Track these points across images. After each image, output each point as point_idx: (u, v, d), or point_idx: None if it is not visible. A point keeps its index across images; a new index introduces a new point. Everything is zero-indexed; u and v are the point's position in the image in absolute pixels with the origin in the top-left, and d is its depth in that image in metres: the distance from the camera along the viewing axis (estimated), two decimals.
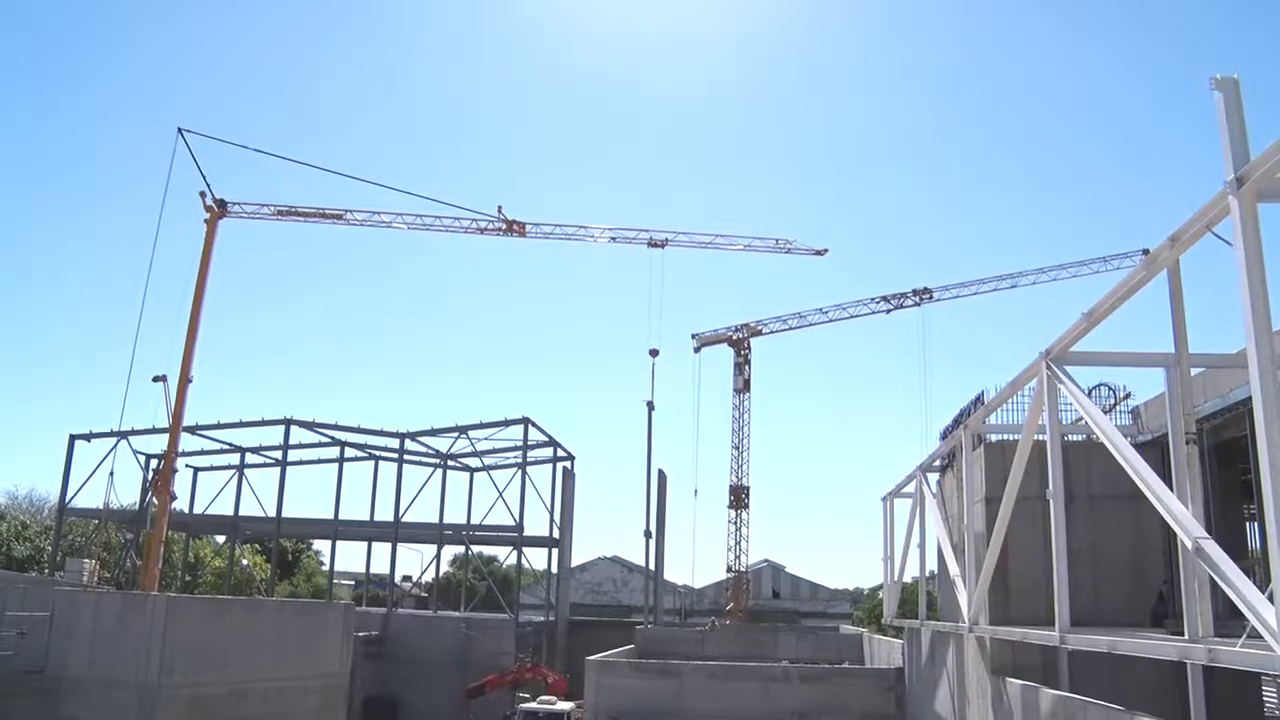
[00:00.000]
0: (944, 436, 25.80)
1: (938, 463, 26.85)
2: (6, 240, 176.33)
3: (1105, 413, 19.53)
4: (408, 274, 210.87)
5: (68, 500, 59.35)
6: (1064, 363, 15.53)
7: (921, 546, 27.74)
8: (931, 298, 73.69)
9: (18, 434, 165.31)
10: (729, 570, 78.81)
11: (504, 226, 57.73)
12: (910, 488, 29.17)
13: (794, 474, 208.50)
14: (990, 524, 19.36)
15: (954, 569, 22.96)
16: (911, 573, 33.31)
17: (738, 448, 78.21)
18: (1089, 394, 17.31)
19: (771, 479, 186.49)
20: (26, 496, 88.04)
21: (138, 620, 28.87)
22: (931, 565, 28.44)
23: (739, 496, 77.99)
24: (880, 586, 53.81)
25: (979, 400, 22.03)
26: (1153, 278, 13.40)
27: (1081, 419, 18.55)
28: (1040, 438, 17.28)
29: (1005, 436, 22.20)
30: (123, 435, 55.18)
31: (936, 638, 26.86)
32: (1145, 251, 18.10)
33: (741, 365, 78.84)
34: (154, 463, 56.15)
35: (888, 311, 74.64)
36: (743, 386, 78.78)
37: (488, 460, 61.74)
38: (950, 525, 24.76)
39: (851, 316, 75.83)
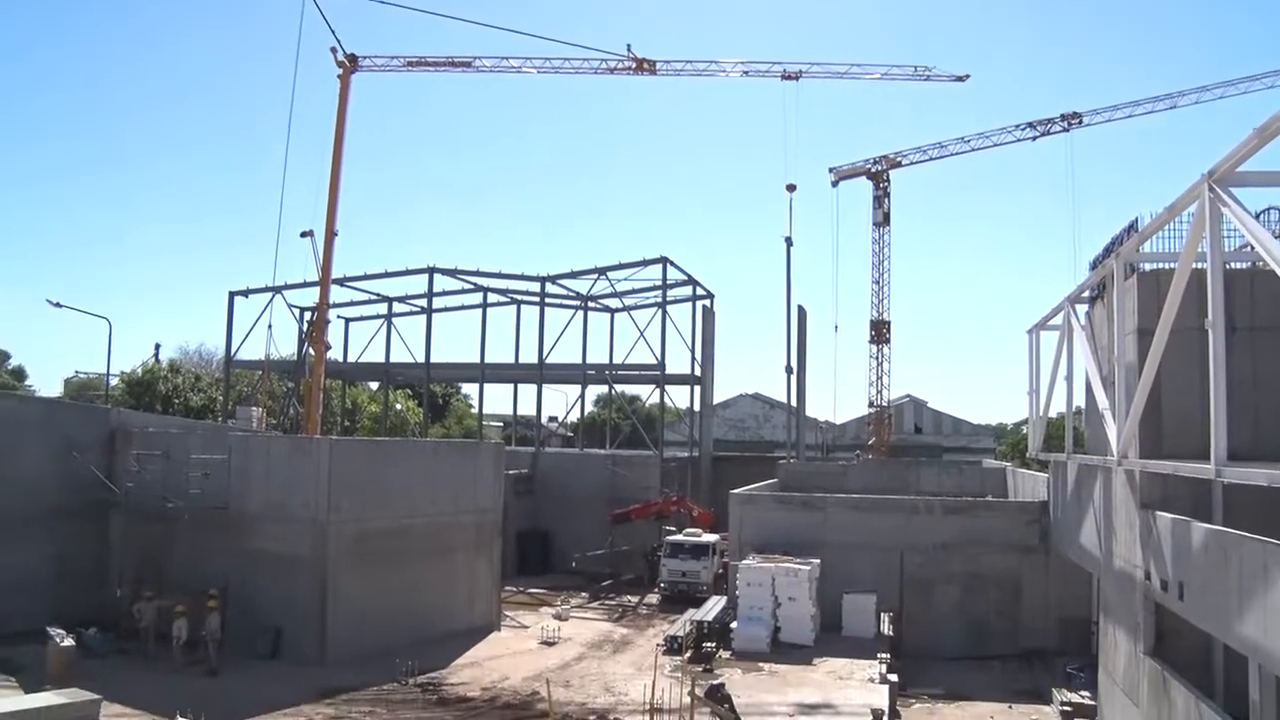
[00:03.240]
0: (1094, 266, 24.85)
1: (1087, 294, 25.96)
2: (155, 110, 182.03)
3: (1276, 238, 18.45)
4: (540, 121, 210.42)
5: (233, 353, 62.61)
6: (1229, 184, 14.61)
7: (1069, 380, 27.11)
8: (1081, 122, 69.97)
9: (181, 293, 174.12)
10: (870, 405, 78.78)
11: (634, 65, 56.78)
12: (1057, 320, 28.35)
13: (935, 309, 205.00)
14: (1143, 356, 18.77)
15: (1103, 402, 22.43)
16: (1057, 407, 32.70)
17: (878, 282, 77.15)
18: (1256, 218, 16.31)
19: (913, 314, 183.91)
20: (197, 350, 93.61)
21: (304, 461, 30.69)
22: (1078, 399, 27.82)
23: (880, 331, 77.30)
24: (1024, 421, 53.08)
25: (1132, 228, 21.04)
26: None
27: (1246, 245, 17.55)
28: (1200, 266, 16.50)
29: (1161, 265, 21.24)
30: (277, 290, 57.57)
31: (1083, 471, 26.51)
32: None
33: (880, 198, 77.03)
34: (308, 315, 58.55)
35: (1033, 139, 71.38)
36: (882, 220, 77.14)
37: (628, 301, 62.35)
38: (1099, 358, 24.07)
39: (995, 145, 72.92)
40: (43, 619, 29.48)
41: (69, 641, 27.35)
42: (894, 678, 28.12)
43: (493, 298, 62.59)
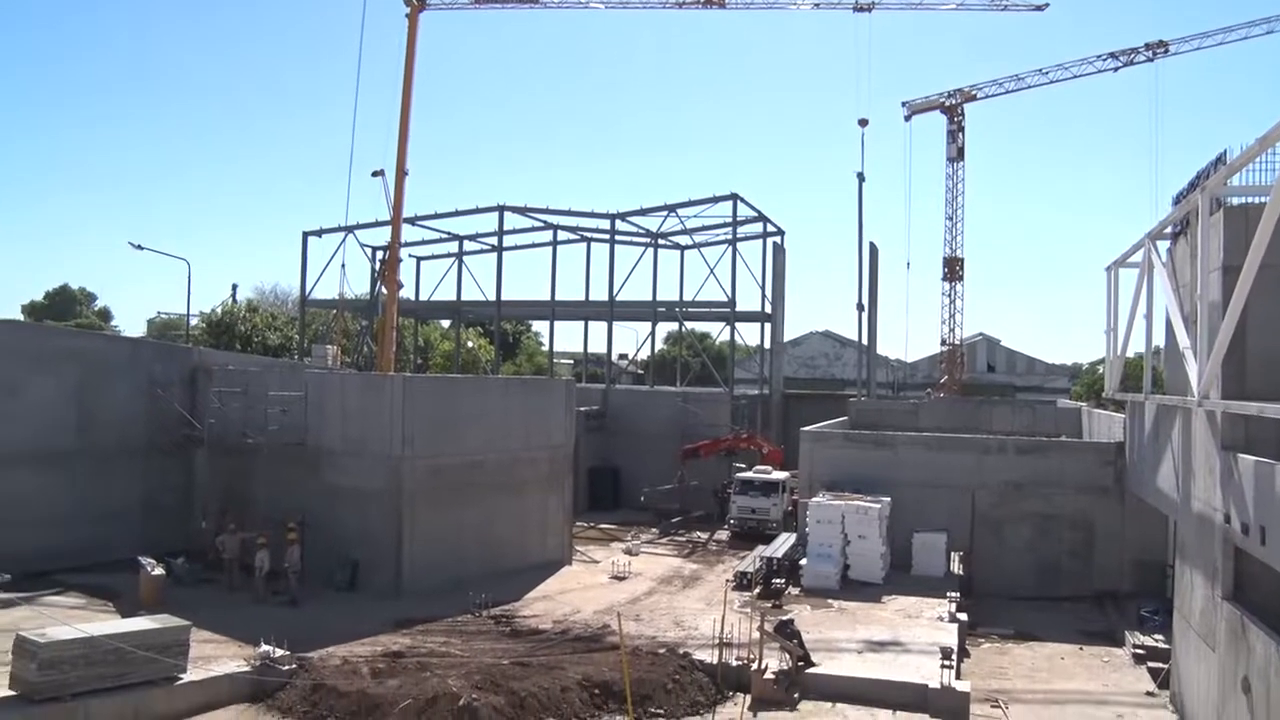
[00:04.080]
0: (1177, 201, 24.11)
1: (1169, 230, 25.26)
2: (229, 52, 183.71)
3: None
4: (609, 58, 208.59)
5: (308, 292, 63.56)
6: None
7: (1148, 318, 26.54)
8: (1167, 51, 67.46)
9: (257, 233, 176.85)
10: (942, 344, 77.92)
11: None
12: (1137, 257, 27.68)
13: (1010, 246, 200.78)
14: (1227, 294, 18.26)
15: (1184, 341, 21.92)
16: (1135, 346, 32.02)
17: (951, 219, 75.87)
18: None
19: (986, 251, 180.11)
20: (272, 290, 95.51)
21: (378, 398, 31.22)
22: (1158, 338, 27.22)
23: (953, 269, 76.16)
24: (1101, 360, 52.02)
25: (1220, 160, 20.34)
26: None
27: None
28: None
29: (1250, 199, 20.55)
30: (350, 230, 58.11)
31: (1162, 412, 25.99)
32: None
33: (955, 133, 75.46)
34: (380, 254, 59.09)
35: (1115, 70, 69.08)
36: (956, 155, 75.64)
37: (698, 238, 61.88)
38: (1181, 295, 23.48)
39: (1074, 77, 70.83)
40: (134, 549, 30.63)
41: (159, 571, 28.37)
42: (963, 617, 28.12)
43: (562, 235, 62.55)
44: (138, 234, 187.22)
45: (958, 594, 29.88)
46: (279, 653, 22.10)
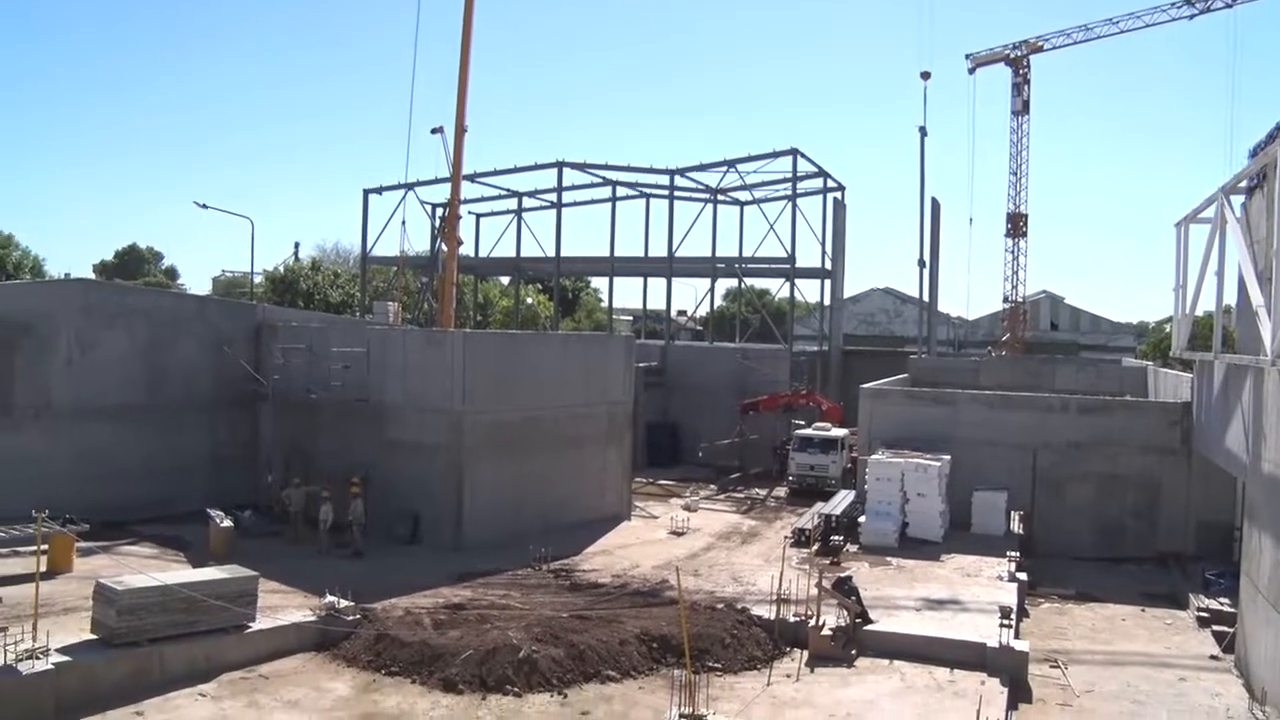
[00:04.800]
0: (1254, 154, 23.46)
1: (1244, 184, 24.57)
2: (288, 9, 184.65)
3: None
4: (668, 13, 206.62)
5: (369, 249, 64.19)
6: None
7: (1219, 275, 25.86)
8: None
9: (318, 191, 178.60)
10: (1005, 301, 76.86)
11: None
12: (1209, 212, 26.97)
13: (1076, 202, 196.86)
14: None
15: (1257, 299, 21.38)
16: (1205, 304, 31.31)
17: (1015, 173, 74.52)
18: None
19: (1052, 207, 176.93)
20: (334, 248, 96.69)
21: (439, 354, 31.50)
22: (1229, 296, 26.57)
23: (1017, 224, 74.92)
24: (1169, 319, 50.96)
25: None
26: None
27: None
28: None
29: None
30: (409, 187, 58.48)
31: (1232, 372, 25.44)
32: None
33: (1020, 85, 73.91)
34: (440, 211, 59.47)
35: (1190, 18, 66.95)
36: (1021, 108, 74.12)
37: (757, 194, 61.47)
38: (1255, 252, 22.87)
39: (1146, 26, 68.76)
40: (203, 501, 31.45)
41: (227, 523, 29.09)
42: (1023, 576, 27.94)
43: (622, 191, 62.50)
44: (202, 193, 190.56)
45: (1017, 553, 29.67)
46: (343, 603, 22.60)
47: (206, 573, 22.05)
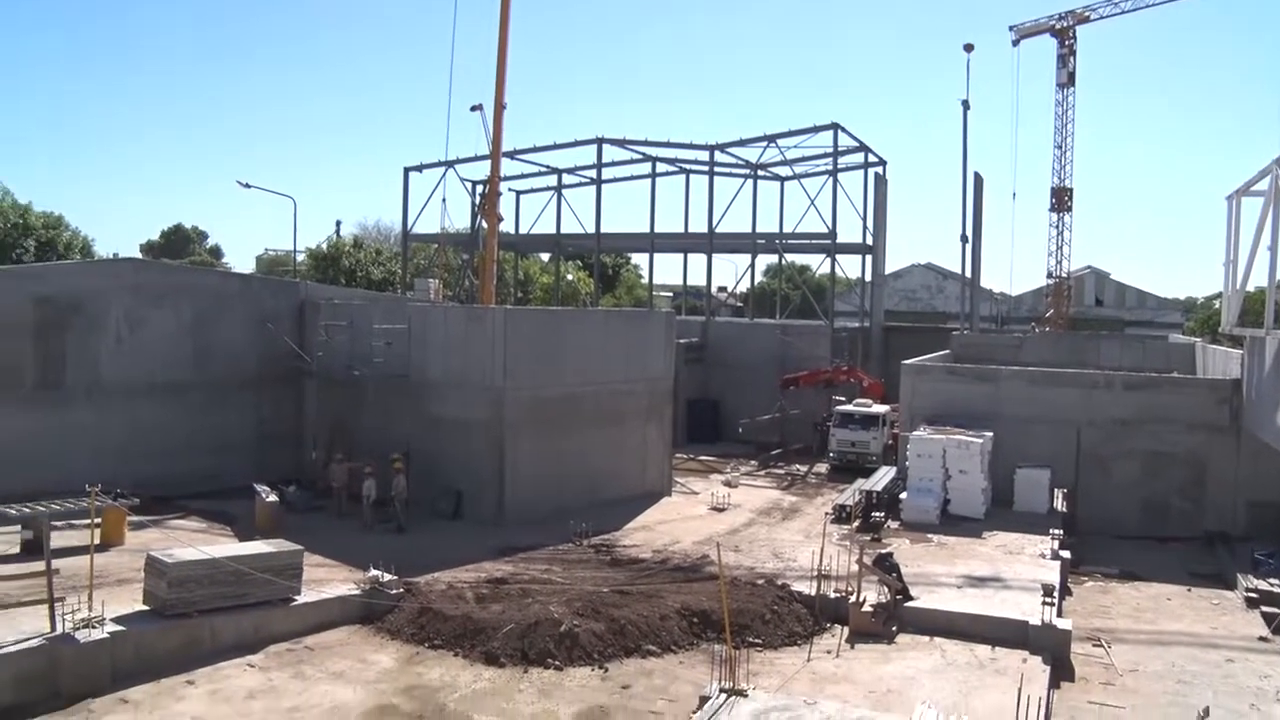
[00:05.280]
0: None
1: None
2: None
3: None
4: None
5: (409, 227, 64.45)
6: None
7: (1272, 249, 25.41)
8: None
9: (359, 170, 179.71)
10: (1049, 276, 75.92)
11: None
12: (1262, 185, 26.51)
13: (1122, 175, 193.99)
14: None
15: None
16: (1257, 280, 30.77)
17: (1060, 147, 73.42)
18: None
19: (1097, 181, 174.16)
20: (375, 226, 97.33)
21: (480, 331, 31.68)
22: None
23: (1061, 199, 73.87)
24: (1218, 294, 50.10)
25: None
26: None
27: None
28: None
29: None
30: (450, 164, 58.57)
31: None
32: None
33: (1066, 57, 72.68)
34: (480, 188, 59.56)
35: None
36: (1066, 80, 72.92)
37: (798, 169, 60.96)
38: None
39: None
40: (249, 477, 31.91)
41: (273, 497, 29.49)
42: (1066, 554, 27.70)
43: (661, 167, 62.21)
44: (245, 173, 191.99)
45: (1060, 531, 29.44)
46: (387, 577, 22.88)
47: (253, 546, 22.39)
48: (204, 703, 17.77)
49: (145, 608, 20.06)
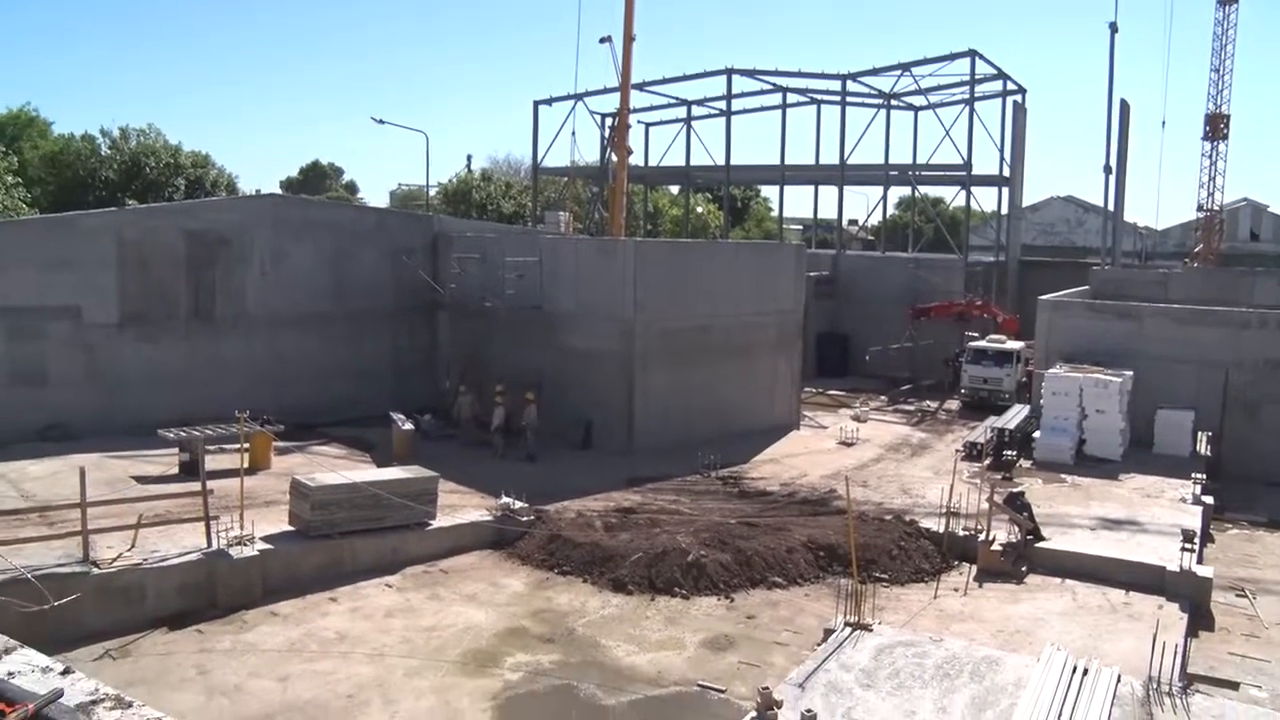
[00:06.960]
0: None
1: None
2: None
3: None
4: None
5: (539, 161, 64.94)
6: None
7: None
8: None
9: (489, 104, 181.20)
10: (1199, 209, 72.40)
11: None
12: None
13: None
14: None
15: None
16: None
17: (1218, 70, 69.41)
18: None
19: (1258, 106, 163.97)
20: (505, 159, 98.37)
21: (610, 263, 31.90)
22: None
23: (1216, 126, 70.03)
24: None
25: None
26: None
27: None
28: None
29: None
30: (579, 97, 58.54)
31: None
32: None
33: None
34: (609, 121, 59.52)
35: None
36: None
37: (933, 98, 59.18)
38: None
39: None
40: (386, 405, 33.01)
41: (409, 426, 30.44)
42: (1209, 500, 26.74)
43: (792, 98, 61.21)
44: (379, 109, 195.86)
45: (1203, 475, 28.40)
46: (518, 504, 23.52)
47: (391, 472, 23.27)
48: (346, 619, 18.69)
49: (290, 528, 21.12)
